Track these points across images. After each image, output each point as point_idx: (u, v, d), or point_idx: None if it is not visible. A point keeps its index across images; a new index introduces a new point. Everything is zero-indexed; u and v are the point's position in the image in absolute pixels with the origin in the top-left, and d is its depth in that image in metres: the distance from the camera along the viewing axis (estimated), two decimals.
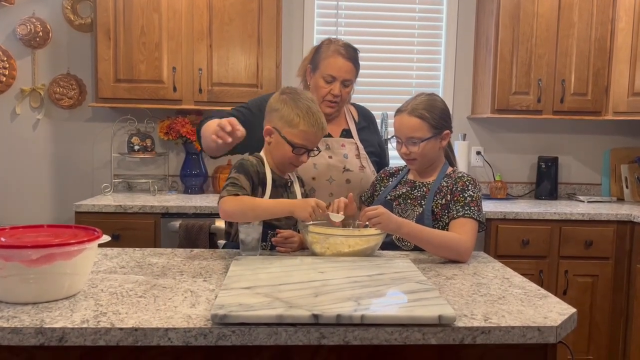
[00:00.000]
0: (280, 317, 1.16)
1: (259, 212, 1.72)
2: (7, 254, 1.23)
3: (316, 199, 1.71)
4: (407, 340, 1.18)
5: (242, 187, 1.74)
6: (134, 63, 3.08)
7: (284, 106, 1.82)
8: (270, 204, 1.74)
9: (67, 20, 3.38)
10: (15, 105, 3.40)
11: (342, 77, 2.15)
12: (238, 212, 1.71)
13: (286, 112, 1.81)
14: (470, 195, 1.85)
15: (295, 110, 1.80)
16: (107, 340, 1.13)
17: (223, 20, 3.11)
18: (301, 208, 1.68)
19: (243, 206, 1.70)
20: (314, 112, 1.81)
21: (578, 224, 3.02)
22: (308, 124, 1.79)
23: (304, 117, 1.79)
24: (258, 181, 1.82)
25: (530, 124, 3.64)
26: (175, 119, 3.28)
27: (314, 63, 2.20)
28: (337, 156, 2.17)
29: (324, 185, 2.13)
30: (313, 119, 1.80)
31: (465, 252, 1.77)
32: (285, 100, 1.83)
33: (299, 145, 1.81)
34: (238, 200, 1.71)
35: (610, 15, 3.25)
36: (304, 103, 1.82)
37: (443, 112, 1.93)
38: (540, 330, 1.21)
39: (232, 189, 1.73)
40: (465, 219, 1.81)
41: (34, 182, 3.45)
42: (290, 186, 1.92)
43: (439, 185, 1.91)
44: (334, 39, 2.21)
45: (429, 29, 3.62)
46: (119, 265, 1.64)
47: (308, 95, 1.87)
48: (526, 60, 3.25)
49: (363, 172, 2.19)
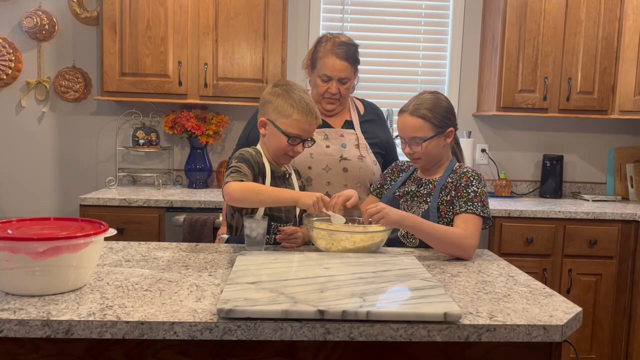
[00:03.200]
0: (286, 313, 1.16)
1: (264, 197, 1.72)
2: (13, 247, 1.23)
3: (319, 193, 1.72)
4: (412, 337, 1.18)
5: (245, 174, 1.76)
6: (139, 57, 3.08)
7: (277, 98, 1.85)
8: (276, 190, 1.76)
9: (73, 13, 3.38)
10: (21, 98, 3.40)
11: (337, 76, 2.15)
12: (244, 197, 1.71)
13: (279, 103, 1.84)
14: (474, 190, 1.84)
15: (289, 101, 1.83)
16: (113, 334, 1.14)
17: (229, 14, 3.10)
18: (306, 196, 1.70)
19: (248, 191, 1.70)
20: (307, 102, 1.84)
21: (582, 222, 3.01)
22: (301, 113, 1.82)
23: (297, 106, 1.82)
24: (258, 171, 1.84)
25: (536, 122, 3.63)
26: (180, 113, 3.28)
27: (312, 61, 2.21)
28: (334, 145, 2.18)
29: (320, 174, 2.14)
30: (306, 108, 1.82)
31: (469, 249, 1.76)
32: (278, 92, 1.86)
33: (293, 135, 1.83)
34: (244, 185, 1.71)
35: (617, 14, 3.24)
36: (297, 94, 1.84)
37: (446, 111, 1.91)
38: (546, 329, 1.21)
39: (237, 175, 1.75)
40: (468, 214, 1.81)
41: (39, 174, 3.45)
42: (289, 178, 1.94)
43: (444, 181, 1.91)
44: (332, 35, 2.20)
45: (435, 26, 3.60)
46: (124, 258, 1.65)
47: (300, 86, 1.91)
48: (532, 57, 3.24)
49: (362, 161, 2.18)
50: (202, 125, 3.26)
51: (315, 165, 2.14)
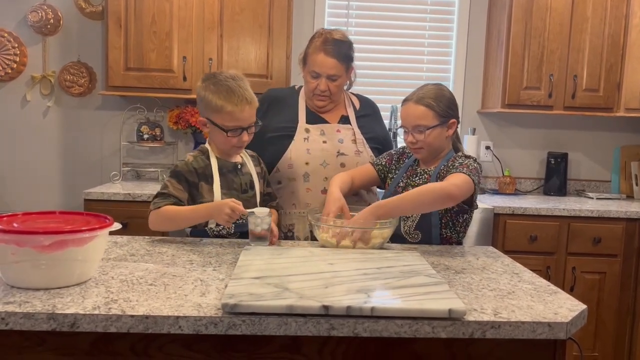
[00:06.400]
0: (291, 308, 1.16)
1: (178, 221, 1.82)
2: (19, 240, 1.24)
3: (231, 203, 1.70)
4: (417, 333, 1.18)
5: (170, 194, 1.81)
6: (144, 52, 3.08)
7: (206, 93, 1.83)
8: (188, 212, 1.79)
9: (78, 7, 3.38)
10: (26, 92, 3.41)
11: (325, 73, 2.14)
12: (160, 225, 1.83)
13: (209, 98, 1.82)
14: (460, 162, 1.85)
15: (217, 94, 1.81)
16: (118, 327, 1.14)
17: (234, 9, 3.10)
18: (217, 213, 1.72)
19: (163, 219, 1.80)
20: (234, 90, 1.81)
21: (587, 220, 3.00)
22: (231, 103, 1.80)
23: (225, 98, 1.80)
24: (197, 177, 1.85)
25: (541, 120, 3.61)
26: (185, 109, 3.28)
27: (304, 57, 2.21)
28: (331, 141, 2.18)
29: (318, 170, 2.14)
30: (235, 97, 1.80)
31: (449, 187, 1.72)
32: (206, 87, 1.84)
33: (231, 127, 1.82)
34: (158, 214, 1.79)
35: (624, 11, 3.22)
36: (223, 84, 1.82)
37: (450, 101, 1.92)
38: (551, 326, 1.20)
39: (158, 200, 1.81)
40: (452, 174, 1.79)
41: (44, 168, 3.46)
42: (241, 168, 1.93)
43: (439, 170, 1.91)
44: (325, 31, 2.19)
45: (440, 22, 3.59)
46: (129, 252, 1.65)
47: (228, 74, 1.86)
48: (538, 55, 3.22)
49: (359, 156, 2.18)
50: None
51: (312, 161, 2.14)
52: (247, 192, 1.93)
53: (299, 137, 2.16)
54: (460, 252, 1.83)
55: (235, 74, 1.88)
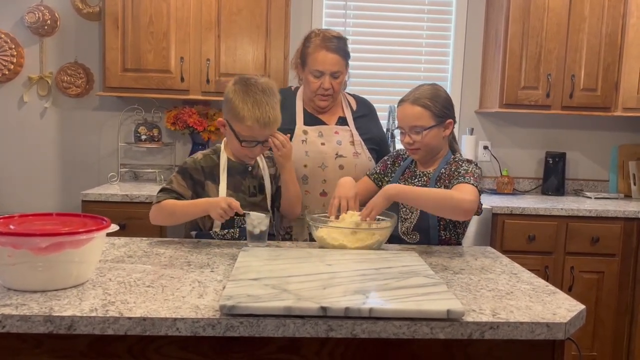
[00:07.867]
0: (289, 309, 1.15)
1: (178, 215, 1.82)
2: (16, 242, 1.23)
3: (227, 199, 1.72)
4: (415, 334, 1.18)
5: (173, 189, 1.83)
6: (141, 52, 3.07)
7: (234, 97, 1.81)
8: (187, 206, 1.80)
9: (75, 8, 3.37)
10: (23, 93, 3.40)
11: (329, 70, 2.14)
12: (160, 219, 1.85)
13: (235, 103, 1.79)
14: (464, 169, 1.84)
15: (242, 103, 1.78)
16: (115, 330, 1.14)
17: (231, 10, 3.09)
18: (212, 208, 1.73)
19: (163, 213, 1.81)
20: (261, 106, 1.77)
21: (585, 220, 3.00)
22: (253, 119, 1.77)
23: (250, 110, 1.77)
24: (204, 176, 1.86)
25: (539, 119, 3.61)
26: (182, 109, 3.28)
27: (302, 59, 2.20)
28: (330, 143, 2.17)
29: (316, 172, 2.14)
30: (259, 113, 1.77)
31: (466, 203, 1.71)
32: (235, 90, 1.82)
33: (247, 139, 1.82)
34: (159, 208, 1.81)
35: (621, 10, 3.22)
36: (252, 95, 1.78)
37: (446, 102, 1.92)
38: (549, 327, 1.20)
39: (161, 194, 1.83)
40: (460, 184, 1.78)
41: (41, 170, 3.45)
42: (251, 171, 1.92)
43: (439, 173, 1.91)
44: (319, 31, 2.19)
45: (438, 22, 3.59)
46: (126, 254, 1.64)
47: (260, 86, 1.81)
48: (536, 54, 3.22)
49: (358, 158, 2.18)
50: (204, 121, 3.26)
51: (311, 163, 2.14)
52: (255, 195, 1.92)
53: (297, 139, 2.15)
54: (458, 252, 1.83)
55: (268, 86, 1.83)
